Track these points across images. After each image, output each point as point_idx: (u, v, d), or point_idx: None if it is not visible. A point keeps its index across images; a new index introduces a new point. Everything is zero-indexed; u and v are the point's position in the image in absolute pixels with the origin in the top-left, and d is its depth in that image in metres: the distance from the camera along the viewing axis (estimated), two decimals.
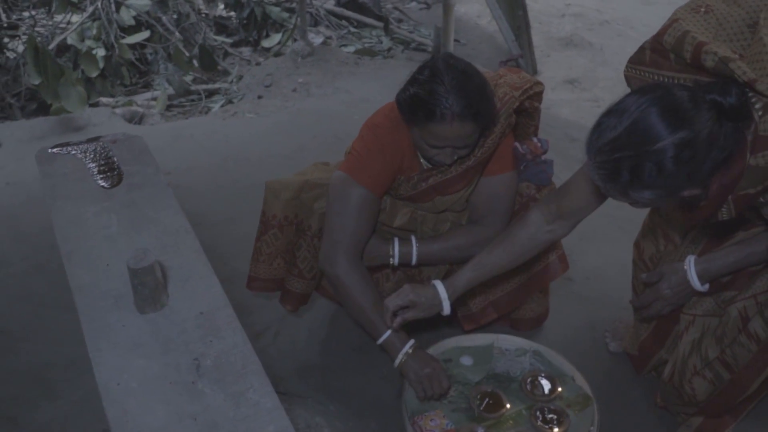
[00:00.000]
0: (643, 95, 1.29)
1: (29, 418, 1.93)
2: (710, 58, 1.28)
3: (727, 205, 1.38)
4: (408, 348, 1.84)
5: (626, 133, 1.27)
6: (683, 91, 1.27)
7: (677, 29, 1.36)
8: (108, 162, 1.50)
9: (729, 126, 1.27)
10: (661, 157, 1.25)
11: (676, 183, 1.28)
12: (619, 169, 1.29)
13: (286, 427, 1.03)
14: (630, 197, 1.35)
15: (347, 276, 1.84)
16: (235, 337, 1.16)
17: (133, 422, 1.04)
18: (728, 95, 1.25)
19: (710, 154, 1.25)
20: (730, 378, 1.65)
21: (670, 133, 1.23)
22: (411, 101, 1.69)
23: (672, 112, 1.24)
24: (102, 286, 1.23)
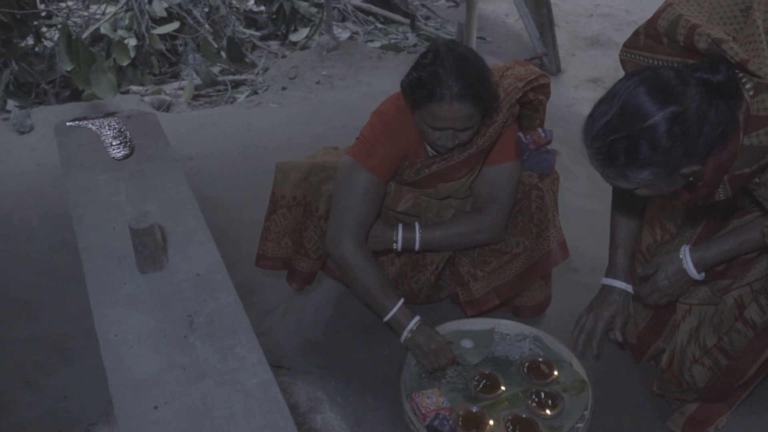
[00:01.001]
0: (631, 78, 1.33)
1: (48, 383, 2.03)
2: (703, 40, 1.31)
3: (724, 185, 1.41)
4: (413, 325, 1.91)
5: (617, 116, 1.32)
6: (670, 70, 1.31)
7: (671, 13, 1.39)
8: (121, 135, 1.59)
9: (721, 104, 1.30)
10: (654, 133, 1.28)
11: (673, 159, 1.31)
12: (615, 151, 1.33)
13: (269, 380, 1.10)
14: (630, 179, 1.38)
15: (353, 257, 1.90)
16: (228, 298, 1.22)
17: (128, 369, 1.11)
18: (716, 72, 1.28)
19: (702, 129, 1.28)
20: (728, 364, 1.67)
21: (660, 109, 1.27)
22: (413, 84, 1.75)
23: (659, 90, 1.27)
24: (107, 248, 1.32)
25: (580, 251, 2.59)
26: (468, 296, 2.16)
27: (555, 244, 2.08)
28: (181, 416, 1.05)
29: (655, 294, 1.75)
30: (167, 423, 1.04)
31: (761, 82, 1.25)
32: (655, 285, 1.74)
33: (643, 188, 1.41)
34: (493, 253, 2.11)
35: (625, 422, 1.91)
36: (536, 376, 1.99)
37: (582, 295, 2.38)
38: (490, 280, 2.13)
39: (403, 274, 2.18)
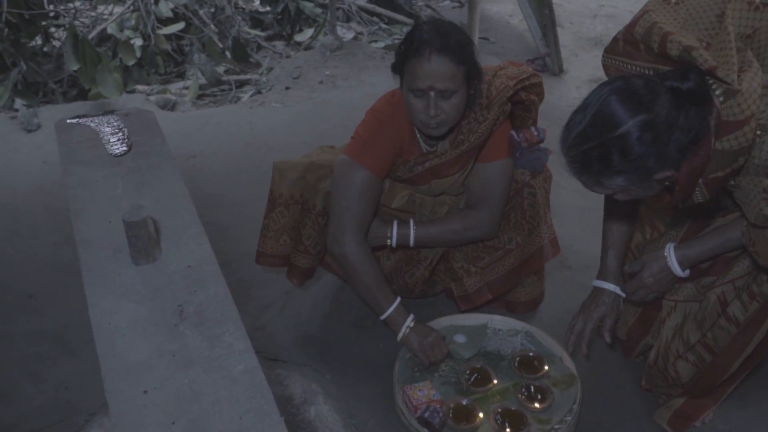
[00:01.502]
0: (603, 87, 1.37)
1: (50, 374, 2.09)
2: (675, 47, 1.35)
3: (700, 188, 1.44)
4: (409, 322, 1.96)
5: (590, 125, 1.35)
6: (640, 79, 1.34)
7: (647, 20, 1.42)
8: (119, 133, 1.64)
9: (692, 111, 1.33)
10: (625, 141, 1.32)
11: (646, 165, 1.35)
12: (589, 160, 1.37)
13: (254, 367, 1.14)
14: (604, 186, 1.41)
15: (354, 256, 1.95)
16: (218, 289, 1.27)
17: (119, 356, 1.16)
18: (686, 80, 1.31)
19: (672, 135, 1.32)
20: (712, 359, 1.70)
21: (630, 117, 1.30)
22: (397, 52, 1.81)
23: (630, 98, 1.31)
24: (103, 240, 1.36)
25: (575, 249, 2.62)
26: (461, 291, 2.20)
27: (546, 241, 2.12)
28: (169, 400, 1.10)
29: (641, 291, 1.79)
30: (156, 406, 1.08)
31: (730, 89, 1.28)
32: (641, 282, 1.77)
33: (620, 194, 1.44)
34: (486, 249, 2.15)
35: (613, 415, 1.94)
36: (527, 371, 2.02)
37: (575, 292, 2.40)
38: (483, 276, 2.17)
39: (398, 269, 2.22)
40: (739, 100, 1.27)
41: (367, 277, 1.96)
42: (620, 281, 1.91)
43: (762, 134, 1.29)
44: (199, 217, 2.76)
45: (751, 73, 1.28)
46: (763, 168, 1.31)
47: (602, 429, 1.90)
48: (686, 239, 1.77)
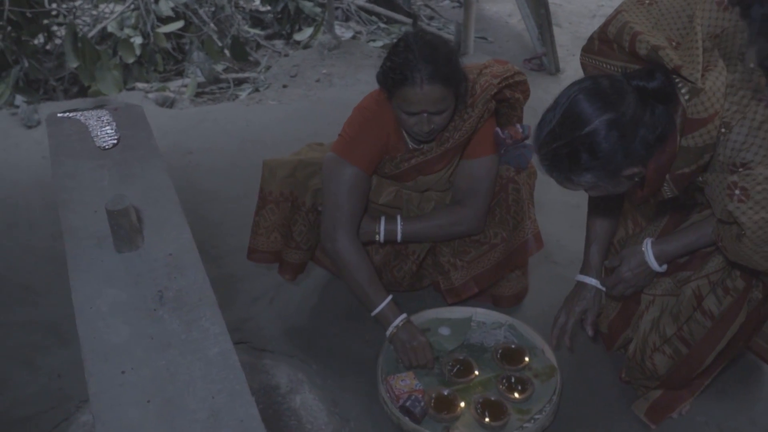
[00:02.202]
0: (572, 87, 1.41)
1: (44, 362, 2.14)
2: (644, 47, 1.39)
3: (668, 183, 1.48)
4: (399, 321, 2.00)
5: (559, 124, 1.40)
6: (607, 79, 1.39)
7: (619, 20, 1.46)
8: (108, 126, 1.69)
9: (659, 109, 1.37)
10: (592, 139, 1.36)
11: (613, 162, 1.39)
12: (559, 157, 1.41)
13: (229, 350, 1.19)
14: (574, 182, 1.46)
15: (346, 252, 1.99)
16: (196, 276, 1.32)
17: (100, 338, 1.21)
18: (652, 80, 1.35)
19: (638, 133, 1.36)
20: (688, 352, 1.74)
21: (597, 116, 1.35)
22: (386, 72, 1.84)
23: (597, 98, 1.35)
24: (88, 229, 1.41)
25: (562, 245, 2.66)
26: (448, 284, 2.24)
27: (530, 235, 2.15)
28: (146, 381, 1.14)
29: (620, 285, 1.82)
30: (132, 386, 1.13)
31: (694, 87, 1.32)
32: (620, 277, 1.81)
33: (591, 190, 1.48)
34: (472, 243, 2.19)
35: (592, 406, 1.98)
36: (508, 362, 2.06)
37: (560, 287, 2.44)
38: (469, 269, 2.21)
39: (386, 263, 2.27)
40: (703, 98, 1.31)
41: (359, 273, 2.00)
42: (602, 276, 1.95)
43: (726, 132, 1.33)
44: (194, 211, 2.84)
45: (716, 72, 1.31)
46: (728, 165, 1.34)
47: (581, 419, 1.94)
48: (665, 234, 1.81)
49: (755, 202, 1.29)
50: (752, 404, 1.97)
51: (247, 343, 2.21)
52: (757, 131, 1.29)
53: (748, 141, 1.31)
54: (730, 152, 1.33)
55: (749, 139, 1.31)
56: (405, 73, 1.79)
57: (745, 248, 1.36)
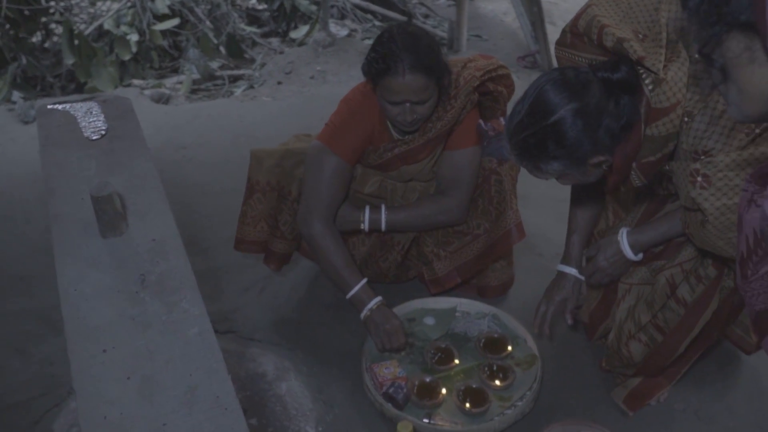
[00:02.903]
0: (540, 78, 1.46)
1: (36, 350, 2.18)
2: (610, 39, 1.43)
3: (635, 172, 1.52)
4: (373, 304, 2.03)
5: (527, 114, 1.44)
6: (572, 70, 1.43)
7: (589, 14, 1.50)
8: (96, 117, 1.74)
9: (624, 99, 1.41)
10: (558, 128, 1.40)
11: (580, 151, 1.43)
12: (528, 146, 1.46)
13: (207, 330, 1.23)
14: (543, 171, 1.50)
15: (321, 237, 2.04)
16: (178, 260, 1.36)
17: (83, 319, 1.25)
18: (617, 71, 1.40)
19: (602, 122, 1.40)
20: (662, 340, 1.78)
21: (563, 105, 1.39)
22: (371, 62, 1.88)
23: (563, 88, 1.40)
24: (75, 216, 1.46)
25: (548, 237, 2.69)
26: (432, 275, 2.28)
27: (512, 226, 2.19)
28: (126, 359, 1.19)
29: (597, 274, 1.86)
30: (113, 364, 1.18)
31: (657, 77, 1.36)
32: (596, 266, 1.85)
33: (561, 178, 1.53)
34: (455, 234, 2.23)
35: (572, 394, 2.01)
36: (491, 351, 2.10)
37: (545, 278, 2.46)
38: (452, 260, 2.25)
39: (372, 254, 2.30)
40: (665, 88, 1.35)
41: (333, 257, 2.04)
42: (582, 266, 1.99)
43: (689, 121, 1.37)
44: (186, 204, 2.88)
45: (678, 63, 1.35)
46: (690, 153, 1.39)
47: (561, 406, 1.97)
48: (641, 224, 1.85)
49: (717, 189, 1.33)
50: (729, 392, 2.01)
51: (236, 332, 2.25)
52: (718, 120, 1.33)
53: (710, 129, 1.35)
54: (692, 140, 1.38)
55: (710, 128, 1.35)
56: (388, 63, 1.83)
57: (709, 234, 1.40)
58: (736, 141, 1.33)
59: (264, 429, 1.88)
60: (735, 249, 1.41)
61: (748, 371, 2.07)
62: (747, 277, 1.01)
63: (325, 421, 1.92)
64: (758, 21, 0.76)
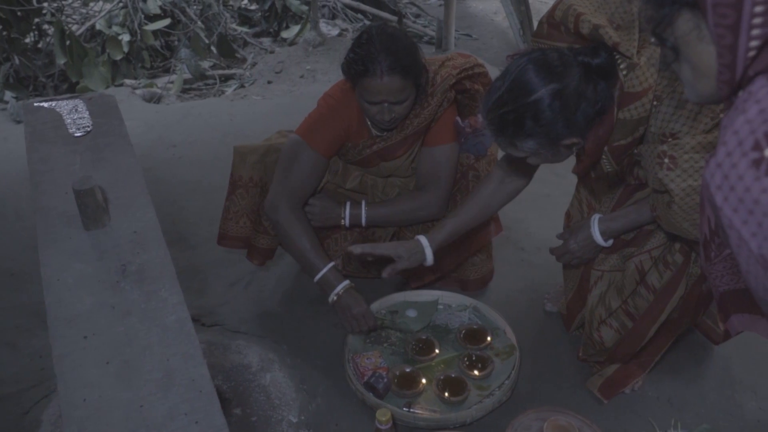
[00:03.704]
0: (522, 57, 1.50)
1: (26, 344, 2.23)
2: (586, 26, 1.48)
3: (606, 156, 1.58)
4: (341, 288, 2.07)
5: (507, 91, 1.48)
6: (555, 53, 1.48)
7: (565, 4, 1.56)
8: (81, 114, 1.78)
9: (601, 84, 1.47)
10: (537, 107, 1.45)
11: (555, 131, 1.48)
12: (505, 123, 1.50)
13: (185, 318, 1.28)
14: (518, 147, 1.55)
15: (287, 221, 2.08)
16: (158, 251, 1.41)
17: (65, 307, 1.30)
18: (596, 57, 1.45)
19: (580, 105, 1.45)
20: (633, 325, 1.83)
21: (543, 86, 1.44)
22: (350, 63, 1.93)
23: (544, 69, 1.44)
24: (59, 209, 1.50)
25: (530, 232, 2.75)
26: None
27: (490, 220, 2.24)
28: (106, 345, 1.23)
29: (566, 255, 1.92)
30: (93, 349, 1.22)
31: (631, 62, 1.42)
32: (567, 248, 1.91)
33: (532, 157, 1.57)
34: None
35: (549, 383, 2.06)
36: (471, 342, 2.15)
37: (525, 272, 2.55)
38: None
39: None
40: (638, 72, 1.40)
41: (300, 240, 2.07)
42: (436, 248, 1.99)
43: (658, 104, 1.43)
44: (175, 201, 2.93)
45: (651, 49, 1.41)
46: (658, 135, 1.44)
47: (538, 395, 2.02)
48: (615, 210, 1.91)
49: (683, 170, 1.38)
50: (701, 380, 2.06)
51: (222, 325, 2.30)
52: (685, 104, 1.39)
53: (677, 113, 1.40)
54: (660, 123, 1.43)
55: (678, 111, 1.40)
56: (366, 65, 1.87)
57: (675, 215, 1.45)
58: (702, 124, 1.38)
59: (248, 418, 1.93)
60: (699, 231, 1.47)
61: (719, 360, 2.13)
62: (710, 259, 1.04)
63: (308, 410, 1.97)
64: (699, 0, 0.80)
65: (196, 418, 1.11)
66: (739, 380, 2.06)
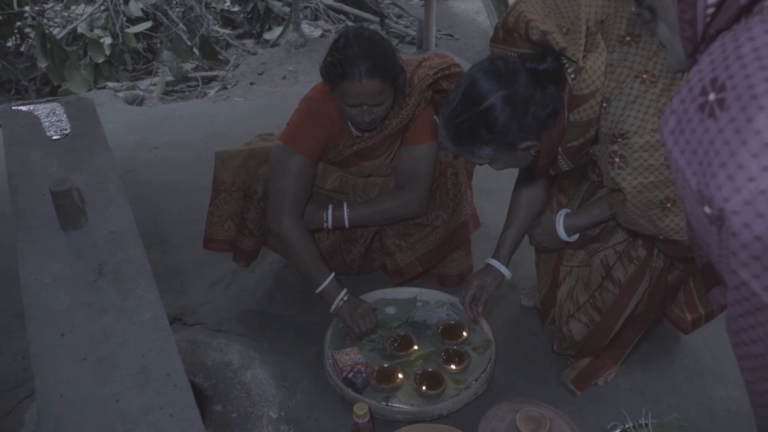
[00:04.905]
0: (473, 68, 1.55)
1: (9, 345, 2.24)
2: (535, 33, 1.52)
3: (561, 156, 1.62)
4: (342, 296, 2.13)
5: (460, 101, 1.54)
6: (502, 60, 1.52)
7: (517, 10, 1.60)
8: (59, 118, 1.81)
9: (550, 88, 1.51)
10: (489, 114, 1.50)
11: (509, 136, 1.52)
12: (461, 132, 1.55)
13: (160, 315, 1.31)
14: (476, 155, 1.60)
15: (291, 234, 2.12)
16: (135, 251, 1.44)
17: (43, 306, 1.33)
18: (542, 62, 1.49)
19: (530, 109, 1.49)
20: (600, 319, 1.88)
21: (493, 93, 1.48)
22: (328, 67, 1.96)
23: (493, 77, 1.49)
24: (36, 210, 1.53)
25: None
26: (394, 265, 2.36)
27: (468, 216, 2.29)
28: (83, 342, 1.26)
29: (533, 241, 2.02)
30: (70, 347, 1.25)
31: (578, 66, 1.46)
32: (532, 237, 2.01)
33: (494, 164, 1.62)
34: (415, 226, 2.32)
35: (524, 375, 2.11)
36: (448, 337, 2.19)
37: None
38: (413, 251, 2.34)
39: (336, 247, 2.39)
40: (585, 76, 1.45)
41: (304, 253, 2.13)
42: (507, 263, 2.08)
43: (606, 106, 1.47)
44: (157, 203, 2.95)
45: (597, 53, 1.45)
46: (609, 135, 1.49)
47: (513, 387, 2.07)
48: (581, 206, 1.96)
49: (633, 169, 1.43)
50: (672, 371, 2.11)
51: (204, 324, 2.33)
52: (633, 104, 1.44)
53: (625, 113, 1.45)
54: (610, 124, 1.48)
55: (626, 112, 1.45)
56: (345, 69, 1.91)
57: (630, 212, 1.50)
58: (650, 124, 1.43)
59: (228, 414, 1.96)
60: (655, 226, 1.52)
61: (688, 350, 2.18)
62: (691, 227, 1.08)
63: (288, 406, 2.00)
64: None
65: (171, 412, 1.14)
66: (709, 370, 2.11)
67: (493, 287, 2.06)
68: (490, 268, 2.07)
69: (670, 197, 1.45)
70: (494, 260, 2.07)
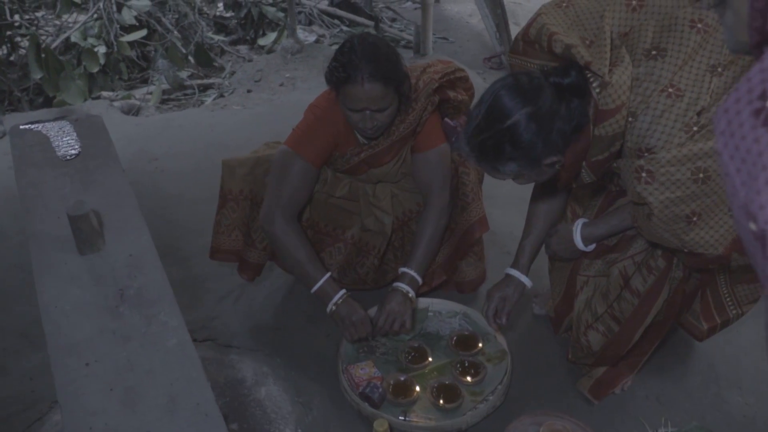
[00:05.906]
0: (495, 84, 1.53)
1: (15, 366, 2.21)
2: (559, 46, 1.51)
3: (585, 170, 1.61)
4: (338, 297, 2.09)
5: (484, 118, 1.52)
6: (525, 76, 1.51)
7: (539, 22, 1.59)
8: (69, 137, 1.78)
9: (574, 102, 1.50)
10: (514, 131, 1.48)
11: (534, 152, 1.51)
12: (485, 149, 1.54)
13: (186, 341, 1.28)
14: (500, 171, 1.58)
15: (283, 233, 2.09)
16: (155, 274, 1.41)
17: (65, 335, 1.30)
18: (567, 76, 1.48)
19: (555, 125, 1.48)
20: (619, 329, 1.87)
21: (518, 110, 1.47)
22: (332, 71, 1.95)
23: (517, 93, 1.48)
24: (52, 234, 1.50)
25: (515, 236, 2.72)
26: None
27: (477, 217, 2.28)
28: (108, 371, 1.24)
29: (549, 250, 2.01)
30: (96, 377, 1.23)
31: (604, 80, 1.45)
32: (549, 246, 2.00)
33: (516, 178, 1.61)
34: None
35: (540, 385, 2.10)
36: (463, 348, 2.18)
37: None
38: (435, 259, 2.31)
39: (349, 261, 2.35)
40: (611, 90, 1.44)
41: (297, 252, 2.09)
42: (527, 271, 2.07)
43: (632, 120, 1.46)
44: (160, 215, 2.92)
45: (622, 67, 1.44)
46: (635, 150, 1.48)
47: (530, 398, 2.06)
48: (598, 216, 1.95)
49: (660, 184, 1.43)
50: (687, 378, 2.11)
51: (214, 340, 2.30)
52: (659, 119, 1.43)
53: (652, 128, 1.44)
54: (636, 139, 1.47)
55: (653, 126, 1.44)
56: (348, 72, 1.90)
57: (655, 227, 1.49)
58: (676, 138, 1.42)
59: None
60: (680, 240, 1.51)
61: (703, 357, 2.18)
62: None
63: (305, 423, 1.98)
64: None
65: None
66: (724, 376, 2.11)
67: (516, 297, 2.05)
68: (511, 278, 2.05)
69: (696, 211, 1.45)
70: (514, 270, 2.05)
